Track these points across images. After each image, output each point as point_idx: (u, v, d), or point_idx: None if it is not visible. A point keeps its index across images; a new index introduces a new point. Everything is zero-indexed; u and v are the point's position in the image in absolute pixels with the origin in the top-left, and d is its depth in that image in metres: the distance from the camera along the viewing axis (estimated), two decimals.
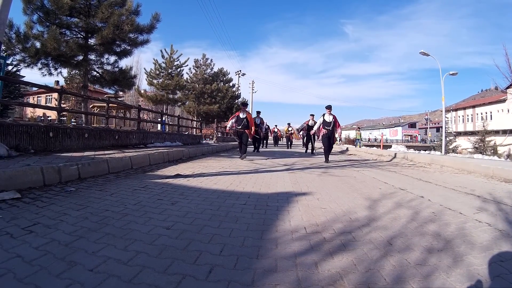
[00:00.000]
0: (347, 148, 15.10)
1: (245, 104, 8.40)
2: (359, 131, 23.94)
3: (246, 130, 7.70)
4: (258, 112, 12.18)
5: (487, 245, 1.70)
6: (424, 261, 1.47)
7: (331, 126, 7.46)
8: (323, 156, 7.92)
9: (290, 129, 17.30)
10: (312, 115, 11.16)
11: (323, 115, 7.70)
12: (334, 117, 7.55)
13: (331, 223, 2.08)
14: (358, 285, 1.23)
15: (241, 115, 7.78)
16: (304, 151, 12.05)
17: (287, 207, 2.54)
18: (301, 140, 21.10)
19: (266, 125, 16.68)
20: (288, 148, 15.92)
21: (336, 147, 16.76)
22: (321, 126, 7.73)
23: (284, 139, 22.85)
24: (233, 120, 7.93)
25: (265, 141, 17.72)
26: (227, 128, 8.46)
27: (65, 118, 19.78)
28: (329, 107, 7.62)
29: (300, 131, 11.58)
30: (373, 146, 20.47)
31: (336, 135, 7.72)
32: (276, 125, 19.44)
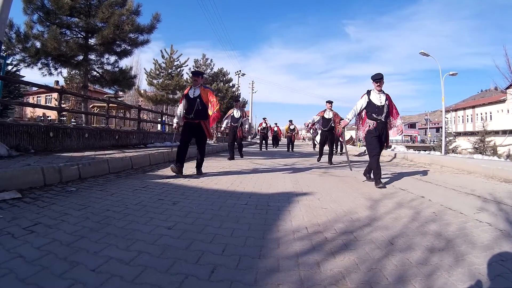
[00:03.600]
0: (365, 150, 13.25)
1: (197, 73, 4.43)
2: None
3: (202, 122, 4.23)
4: (237, 101, 8.20)
5: (488, 245, 1.71)
6: (426, 261, 1.47)
7: (384, 114, 3.80)
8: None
9: (292, 127, 13.68)
10: (330, 103, 7.02)
11: (368, 92, 3.95)
12: (388, 97, 3.89)
13: (332, 223, 2.08)
14: (360, 285, 1.23)
15: (191, 93, 4.22)
16: (317, 158, 7.91)
17: (288, 207, 2.54)
18: (312, 140, 17.58)
19: (265, 123, 14.30)
20: (288, 150, 12.84)
21: (352, 149, 13.28)
22: (365, 115, 3.99)
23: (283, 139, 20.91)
24: (181, 104, 4.30)
25: (268, 141, 15.57)
26: (174, 125, 4.70)
27: (65, 118, 19.76)
28: (378, 79, 3.82)
29: (312, 126, 7.50)
30: None
31: (393, 133, 4.04)
32: (276, 123, 17.27)
